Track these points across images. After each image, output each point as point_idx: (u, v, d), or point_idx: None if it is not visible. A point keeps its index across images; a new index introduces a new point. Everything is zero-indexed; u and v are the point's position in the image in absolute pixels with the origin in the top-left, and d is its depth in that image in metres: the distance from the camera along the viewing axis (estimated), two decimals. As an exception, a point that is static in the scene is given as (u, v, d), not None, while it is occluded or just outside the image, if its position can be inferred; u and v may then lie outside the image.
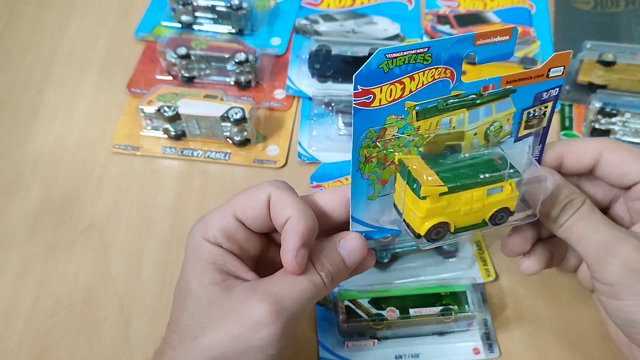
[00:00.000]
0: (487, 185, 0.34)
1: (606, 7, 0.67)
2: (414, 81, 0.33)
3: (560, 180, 0.36)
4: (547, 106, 0.36)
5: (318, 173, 0.53)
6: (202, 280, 0.34)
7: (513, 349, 0.44)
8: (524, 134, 0.37)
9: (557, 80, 0.36)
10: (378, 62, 0.32)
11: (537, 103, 0.36)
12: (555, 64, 0.35)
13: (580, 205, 0.36)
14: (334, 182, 0.52)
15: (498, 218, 0.35)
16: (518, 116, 0.36)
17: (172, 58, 0.58)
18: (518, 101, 0.36)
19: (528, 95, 0.36)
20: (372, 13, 0.67)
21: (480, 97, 0.35)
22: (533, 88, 0.36)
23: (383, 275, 0.47)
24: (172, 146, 0.55)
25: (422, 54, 0.33)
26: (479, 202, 0.34)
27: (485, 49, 0.34)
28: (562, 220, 0.36)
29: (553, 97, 0.36)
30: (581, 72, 0.58)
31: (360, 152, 0.35)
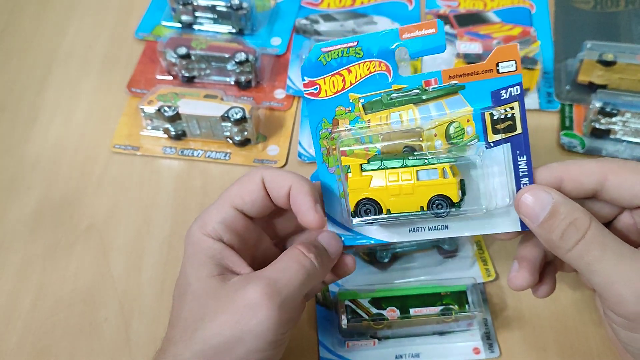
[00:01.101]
0: (416, 166, 0.34)
1: (606, 6, 0.67)
2: (351, 73, 0.36)
3: (558, 198, 0.33)
4: (512, 107, 0.34)
5: None
6: (199, 273, 0.35)
7: (513, 348, 0.44)
8: (496, 140, 0.35)
9: (512, 77, 0.34)
10: (316, 56, 0.36)
11: (497, 103, 0.34)
12: (502, 58, 0.34)
13: (587, 227, 0.32)
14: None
15: (436, 206, 0.34)
16: (479, 117, 0.35)
17: (173, 58, 0.58)
18: (473, 99, 0.35)
19: (482, 93, 0.34)
20: (372, 13, 0.67)
21: (425, 92, 0.35)
22: (485, 85, 0.34)
23: (383, 275, 0.47)
24: (172, 146, 0.55)
25: (353, 48, 0.35)
26: (408, 184, 0.34)
27: (413, 42, 0.35)
28: (566, 244, 0.32)
29: (516, 97, 0.34)
30: (581, 71, 0.58)
31: (320, 143, 0.37)
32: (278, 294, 0.33)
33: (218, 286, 0.34)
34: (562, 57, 0.62)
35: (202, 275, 0.35)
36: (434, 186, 0.34)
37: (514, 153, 0.35)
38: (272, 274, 0.34)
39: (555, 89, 0.60)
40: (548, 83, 0.60)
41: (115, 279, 0.48)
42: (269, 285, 0.33)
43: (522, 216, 0.34)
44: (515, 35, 0.64)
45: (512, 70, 0.34)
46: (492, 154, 0.35)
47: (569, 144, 0.55)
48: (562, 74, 0.61)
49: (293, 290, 0.34)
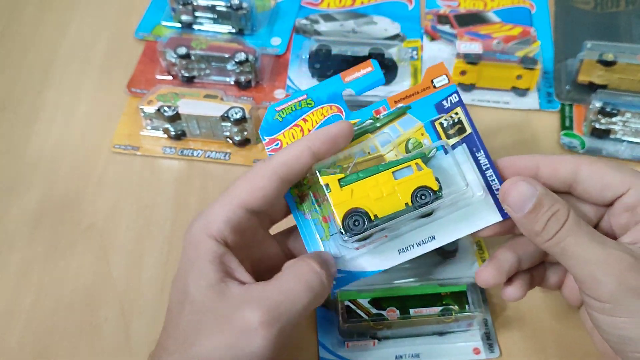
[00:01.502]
0: (390, 169, 0.36)
1: (606, 6, 0.67)
2: (307, 122, 0.39)
3: (541, 190, 0.34)
4: (456, 112, 0.38)
5: None
6: (199, 282, 0.33)
7: (513, 349, 0.44)
8: (452, 143, 0.38)
9: (448, 88, 0.39)
10: (272, 116, 0.40)
11: (443, 113, 0.39)
12: (434, 75, 0.39)
13: (565, 217, 0.34)
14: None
15: (420, 197, 0.35)
16: (432, 129, 0.38)
17: (172, 58, 0.58)
18: (421, 115, 0.39)
19: (427, 107, 0.39)
20: (373, 13, 0.67)
21: (377, 121, 0.39)
22: (427, 101, 0.39)
23: (383, 276, 0.47)
24: (172, 146, 0.55)
25: (304, 100, 0.39)
26: (388, 184, 0.35)
27: (355, 83, 0.40)
28: (547, 234, 0.34)
29: (457, 103, 0.39)
30: (581, 72, 0.58)
31: (291, 192, 0.38)
32: (278, 320, 0.31)
33: (217, 299, 0.32)
34: (562, 57, 0.62)
35: (202, 284, 0.33)
36: (413, 180, 0.35)
37: (471, 151, 0.38)
38: (274, 296, 0.32)
39: (556, 89, 0.60)
40: (548, 83, 0.60)
41: (115, 279, 0.48)
42: (269, 312, 0.31)
43: (507, 207, 0.35)
44: (515, 35, 0.64)
45: (445, 83, 0.39)
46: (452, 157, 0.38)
47: (569, 144, 0.55)
48: (562, 74, 0.61)
49: (295, 315, 0.32)
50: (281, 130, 0.39)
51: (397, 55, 0.59)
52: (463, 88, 0.59)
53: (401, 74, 0.60)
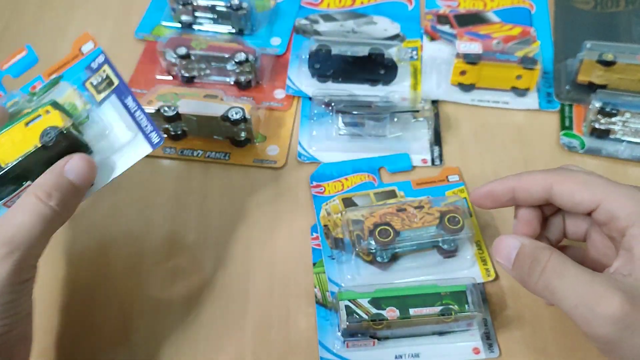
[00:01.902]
0: (22, 120, 0.38)
1: (606, 6, 0.67)
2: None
3: (524, 241, 0.37)
4: (104, 70, 0.42)
5: (318, 173, 0.53)
6: None
7: (513, 348, 0.44)
8: (103, 97, 0.42)
9: (94, 52, 0.43)
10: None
11: (91, 73, 0.42)
12: (81, 43, 0.44)
13: (547, 259, 0.35)
14: (334, 182, 0.53)
15: (45, 136, 0.38)
16: (83, 89, 0.42)
17: (172, 58, 0.58)
18: (76, 80, 0.42)
19: (78, 72, 0.43)
20: (372, 13, 0.67)
21: (35, 95, 0.42)
22: (77, 67, 0.43)
23: (383, 275, 0.47)
24: (172, 146, 0.55)
25: None
26: (19, 133, 0.38)
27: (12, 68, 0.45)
28: (533, 279, 0.36)
29: (103, 63, 0.42)
30: (581, 71, 0.58)
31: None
32: (17, 249, 0.35)
33: None
34: (562, 57, 0.62)
35: None
36: (41, 123, 0.38)
37: (120, 99, 0.42)
38: (7, 230, 0.35)
39: (555, 89, 0.60)
40: (548, 83, 0.60)
41: (115, 278, 0.48)
42: (5, 245, 0.34)
43: (499, 260, 0.38)
44: (515, 35, 0.64)
45: (91, 48, 0.43)
46: (105, 108, 0.42)
47: (568, 144, 0.56)
48: (562, 74, 0.61)
49: (33, 243, 0.36)
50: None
51: (397, 55, 0.59)
52: (463, 88, 0.59)
53: (401, 74, 0.60)
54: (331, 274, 0.47)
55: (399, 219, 0.47)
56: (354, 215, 0.47)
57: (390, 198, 0.51)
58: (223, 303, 0.46)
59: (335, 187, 0.52)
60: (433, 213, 0.47)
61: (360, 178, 0.52)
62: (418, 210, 0.47)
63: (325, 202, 0.51)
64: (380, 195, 0.51)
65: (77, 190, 0.38)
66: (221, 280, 0.47)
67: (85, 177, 0.38)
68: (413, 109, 0.55)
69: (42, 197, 0.36)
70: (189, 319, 0.45)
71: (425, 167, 0.54)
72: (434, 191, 0.52)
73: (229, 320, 0.45)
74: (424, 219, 0.47)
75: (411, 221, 0.47)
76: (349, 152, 0.55)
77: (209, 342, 0.44)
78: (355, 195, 0.51)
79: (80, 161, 0.38)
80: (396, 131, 0.55)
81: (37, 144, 0.38)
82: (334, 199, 0.51)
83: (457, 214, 0.47)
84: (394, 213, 0.47)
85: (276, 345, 0.44)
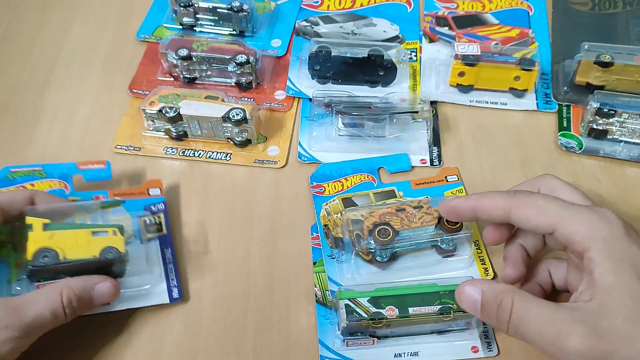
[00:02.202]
0: (91, 229, 0.43)
1: (604, 8, 0.67)
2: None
3: (484, 287, 0.38)
4: (159, 217, 0.49)
5: (317, 173, 0.54)
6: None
7: (511, 347, 0.44)
8: (148, 237, 0.48)
9: (158, 198, 0.50)
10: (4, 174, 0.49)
11: (148, 213, 0.49)
12: (151, 186, 0.51)
13: (511, 305, 0.36)
14: (334, 182, 0.53)
15: (107, 253, 0.43)
16: (136, 223, 0.47)
17: (174, 59, 0.59)
18: (131, 210, 0.47)
19: (138, 207, 0.49)
20: (372, 15, 0.67)
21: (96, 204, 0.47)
22: (139, 202, 0.49)
23: (382, 275, 0.47)
24: (173, 146, 0.56)
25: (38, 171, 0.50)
26: (84, 238, 0.43)
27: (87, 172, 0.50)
28: (503, 324, 0.37)
29: (162, 211, 0.50)
30: (579, 73, 0.58)
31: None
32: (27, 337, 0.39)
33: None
34: (560, 58, 0.63)
35: None
36: (106, 240, 0.43)
37: (161, 247, 0.48)
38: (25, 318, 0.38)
39: (553, 89, 0.60)
40: (546, 84, 0.61)
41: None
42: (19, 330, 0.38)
43: (467, 310, 0.40)
44: (513, 36, 0.64)
45: (158, 194, 0.51)
46: (146, 248, 0.47)
47: (566, 144, 0.56)
48: (559, 75, 0.61)
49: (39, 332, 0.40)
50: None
51: (396, 56, 0.60)
52: (461, 89, 0.60)
53: (400, 75, 0.60)
54: (331, 273, 0.47)
55: (398, 219, 0.47)
56: (353, 215, 0.48)
57: (389, 198, 0.52)
58: (224, 302, 0.46)
59: (335, 187, 0.52)
60: (432, 213, 0.47)
61: (360, 178, 0.53)
62: (417, 210, 0.47)
63: (325, 202, 0.51)
64: (380, 196, 0.52)
65: (90, 307, 0.42)
66: (222, 280, 0.48)
67: (104, 301, 0.43)
68: (412, 110, 0.56)
69: (65, 302, 0.40)
70: (189, 319, 0.46)
71: (424, 168, 0.55)
72: (432, 191, 0.52)
73: (229, 319, 0.46)
74: (422, 219, 0.47)
75: (410, 221, 0.47)
76: (349, 153, 0.55)
77: (210, 341, 0.45)
78: (354, 195, 0.52)
79: (111, 288, 0.42)
80: (395, 132, 0.56)
81: (96, 255, 0.42)
82: (334, 199, 0.52)
83: None
84: (393, 213, 0.47)
85: (276, 344, 0.44)
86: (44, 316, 0.39)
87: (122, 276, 0.44)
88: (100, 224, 0.44)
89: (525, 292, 0.37)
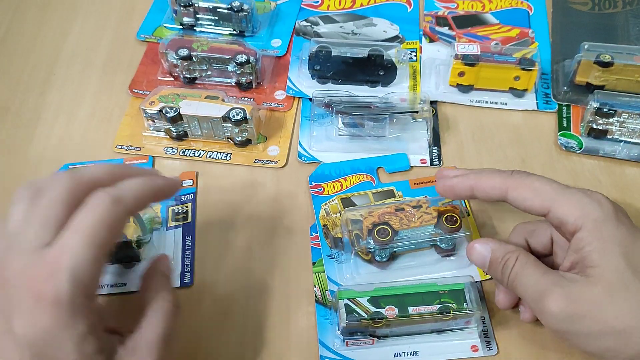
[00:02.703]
0: None
1: (604, 7, 0.67)
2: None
3: (493, 246, 0.42)
4: (187, 206, 0.51)
5: (316, 173, 0.54)
6: None
7: (511, 346, 0.44)
8: (174, 225, 0.50)
9: (190, 189, 0.53)
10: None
11: (178, 203, 0.52)
12: (187, 177, 0.53)
13: (514, 262, 0.40)
14: (333, 182, 0.53)
15: None
16: (164, 211, 0.51)
17: (174, 59, 0.59)
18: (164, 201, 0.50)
19: None
20: (372, 15, 0.67)
21: None
22: None
23: (382, 274, 0.48)
24: (173, 146, 0.56)
25: None
26: None
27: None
28: (505, 280, 0.41)
29: (191, 201, 0.52)
30: (579, 72, 0.58)
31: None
32: None
33: None
34: (560, 58, 0.63)
35: None
36: None
37: (183, 234, 0.50)
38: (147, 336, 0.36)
39: (553, 89, 0.60)
40: (546, 84, 0.61)
41: (118, 278, 0.48)
42: None
43: (475, 264, 0.43)
44: (513, 36, 0.64)
45: (190, 185, 0.53)
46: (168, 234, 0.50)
47: (566, 144, 0.56)
48: (559, 75, 0.61)
49: None
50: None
51: (396, 56, 0.60)
52: (461, 89, 0.60)
53: (400, 75, 0.60)
54: (330, 273, 0.47)
55: (397, 219, 0.47)
56: (352, 215, 0.48)
57: (388, 198, 0.52)
58: (224, 302, 0.47)
59: (334, 187, 0.53)
60: (431, 212, 0.47)
61: (359, 178, 0.53)
62: (416, 210, 0.47)
63: (325, 202, 0.52)
64: (379, 195, 0.52)
65: None
66: (222, 279, 0.48)
67: None
68: (412, 109, 0.56)
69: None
70: (190, 318, 0.46)
71: (424, 167, 0.55)
72: (431, 191, 0.52)
73: (229, 319, 0.46)
74: (422, 218, 0.47)
75: (409, 220, 0.47)
76: (349, 153, 0.55)
77: (210, 340, 0.45)
78: (354, 195, 0.52)
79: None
80: (395, 132, 0.56)
81: None
82: (333, 199, 0.52)
83: (455, 213, 0.47)
84: (393, 213, 0.47)
85: (276, 344, 0.44)
86: None
87: (139, 260, 0.47)
88: None
89: (529, 253, 0.41)
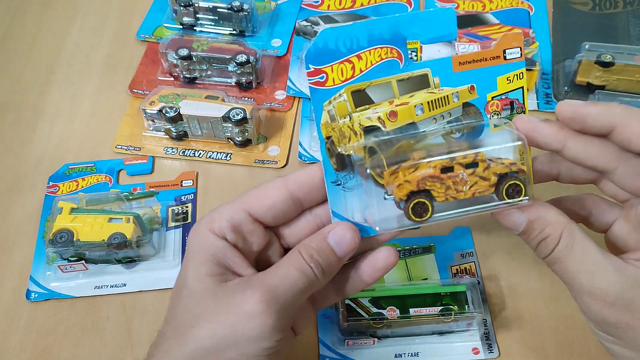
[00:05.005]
0: (110, 215, 0.47)
1: (604, 8, 0.67)
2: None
3: (531, 216, 0.35)
4: (187, 207, 0.51)
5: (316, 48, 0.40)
6: (199, 271, 0.34)
7: (512, 349, 0.44)
8: (174, 225, 0.50)
9: (189, 189, 0.52)
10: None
11: (178, 203, 0.51)
12: (187, 177, 0.52)
13: (555, 244, 0.34)
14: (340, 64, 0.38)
15: (113, 239, 0.46)
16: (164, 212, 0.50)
17: (174, 59, 0.59)
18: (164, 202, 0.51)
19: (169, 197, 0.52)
20: (372, 14, 0.67)
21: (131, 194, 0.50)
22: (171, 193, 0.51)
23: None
24: (174, 146, 0.56)
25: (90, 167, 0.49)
26: (100, 224, 0.47)
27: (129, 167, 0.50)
28: (541, 254, 0.35)
29: (191, 201, 0.51)
30: (579, 72, 0.58)
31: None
32: (277, 301, 0.33)
33: (216, 286, 0.33)
34: (561, 58, 0.62)
35: (200, 273, 0.34)
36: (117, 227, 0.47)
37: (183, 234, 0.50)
38: (271, 281, 0.33)
39: (554, 89, 0.60)
40: (546, 84, 0.61)
41: (118, 278, 0.48)
42: (267, 292, 0.32)
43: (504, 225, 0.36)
44: (514, 36, 0.64)
45: (190, 185, 0.52)
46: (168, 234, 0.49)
47: (567, 144, 0.56)
48: (560, 75, 0.61)
49: (291, 299, 0.33)
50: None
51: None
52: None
53: (401, 75, 0.60)
54: (336, 207, 0.36)
55: (443, 187, 0.34)
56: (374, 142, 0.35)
57: (420, 89, 0.36)
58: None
59: (343, 71, 0.35)
60: (489, 177, 0.34)
61: (380, 54, 0.35)
62: (470, 173, 0.34)
63: (327, 101, 0.35)
64: (406, 84, 0.36)
65: (336, 259, 0.35)
66: (222, 280, 0.48)
67: (345, 247, 0.35)
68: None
69: (305, 257, 0.34)
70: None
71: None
72: (483, 74, 0.36)
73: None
74: (475, 187, 0.34)
75: (458, 190, 0.34)
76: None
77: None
78: (370, 85, 0.35)
79: (344, 230, 0.35)
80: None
81: (104, 240, 0.46)
82: (340, 92, 0.35)
83: (521, 182, 0.34)
84: (437, 177, 0.34)
85: (277, 344, 0.44)
86: (292, 275, 0.33)
87: (139, 260, 0.48)
88: (118, 212, 0.48)
89: (576, 228, 0.34)
